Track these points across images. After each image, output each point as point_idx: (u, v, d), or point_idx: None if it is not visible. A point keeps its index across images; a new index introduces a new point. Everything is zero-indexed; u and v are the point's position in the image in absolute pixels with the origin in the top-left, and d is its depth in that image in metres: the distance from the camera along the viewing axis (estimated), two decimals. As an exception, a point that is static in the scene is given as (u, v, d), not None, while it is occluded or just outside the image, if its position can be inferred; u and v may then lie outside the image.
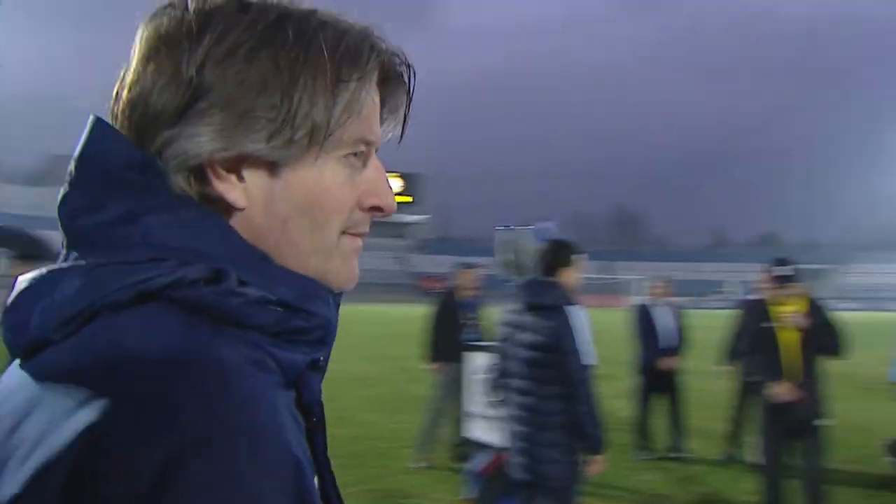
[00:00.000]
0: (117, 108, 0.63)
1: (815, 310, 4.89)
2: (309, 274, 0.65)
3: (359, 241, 0.70)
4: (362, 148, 0.67)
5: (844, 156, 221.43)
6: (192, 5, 0.62)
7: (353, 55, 0.64)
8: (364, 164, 0.68)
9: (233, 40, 0.60)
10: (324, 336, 0.65)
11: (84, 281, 0.57)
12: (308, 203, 0.64)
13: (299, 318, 0.62)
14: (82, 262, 0.59)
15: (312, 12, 0.64)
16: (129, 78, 0.63)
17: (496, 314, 4.41)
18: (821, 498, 4.83)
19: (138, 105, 0.61)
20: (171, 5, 0.63)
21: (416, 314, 12.24)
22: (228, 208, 0.62)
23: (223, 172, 0.62)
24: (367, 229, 0.70)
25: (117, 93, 0.63)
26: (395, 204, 0.69)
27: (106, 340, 0.54)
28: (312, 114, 0.62)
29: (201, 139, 0.60)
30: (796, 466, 4.87)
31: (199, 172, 0.61)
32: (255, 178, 0.63)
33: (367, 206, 0.69)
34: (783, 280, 4.89)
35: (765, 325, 4.89)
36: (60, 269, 0.59)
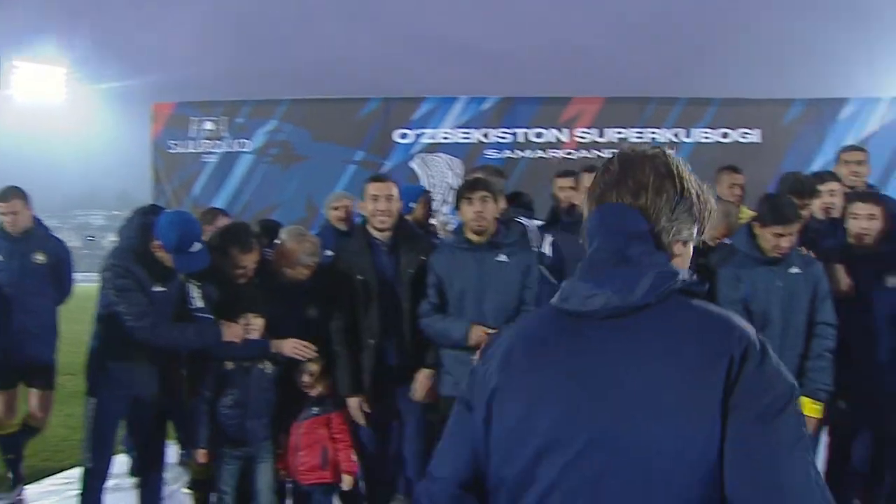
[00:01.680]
0: (626, 195, 1.29)
1: None
2: None
3: None
4: None
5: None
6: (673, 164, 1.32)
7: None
8: None
9: (697, 197, 1.32)
10: None
11: (658, 279, 1.21)
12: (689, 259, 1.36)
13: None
14: (644, 269, 1.22)
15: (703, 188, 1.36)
16: (647, 187, 1.29)
17: None
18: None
19: (654, 205, 1.28)
20: (658, 155, 1.33)
21: None
22: (672, 257, 1.31)
23: (682, 243, 1.33)
24: None
25: (637, 191, 1.29)
26: None
27: (696, 306, 1.23)
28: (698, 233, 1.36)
29: (685, 231, 1.32)
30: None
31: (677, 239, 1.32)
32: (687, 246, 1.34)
33: None
34: None
35: None
36: (636, 270, 1.22)
